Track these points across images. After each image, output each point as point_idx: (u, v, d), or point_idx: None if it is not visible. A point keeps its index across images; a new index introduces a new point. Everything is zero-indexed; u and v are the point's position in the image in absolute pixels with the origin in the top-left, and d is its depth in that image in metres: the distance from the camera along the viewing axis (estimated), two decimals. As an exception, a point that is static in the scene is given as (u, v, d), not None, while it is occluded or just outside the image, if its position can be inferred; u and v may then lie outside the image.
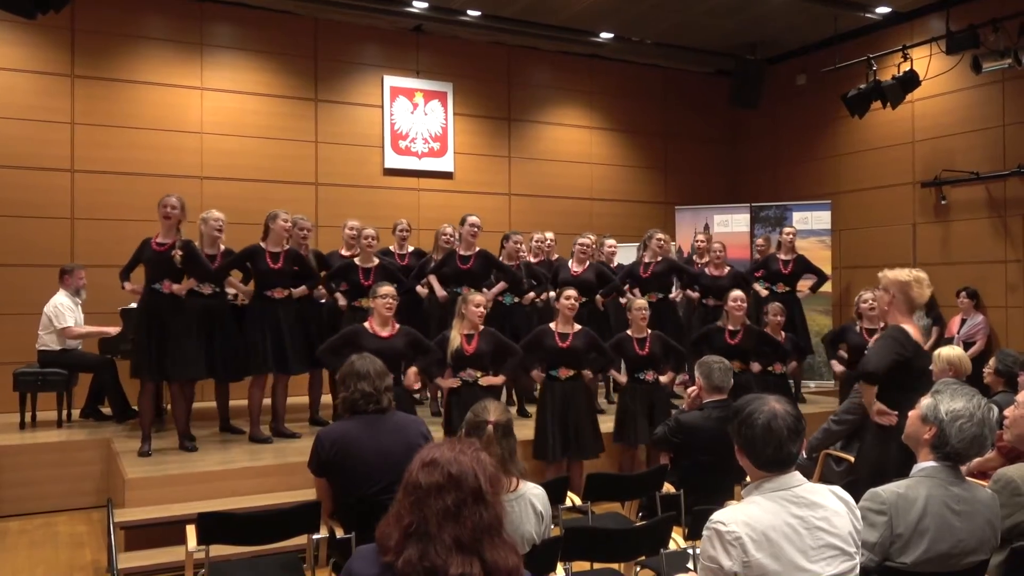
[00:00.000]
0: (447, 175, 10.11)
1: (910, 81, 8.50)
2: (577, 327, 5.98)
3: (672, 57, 11.09)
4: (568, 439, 5.84)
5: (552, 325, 5.99)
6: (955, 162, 9.12)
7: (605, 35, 10.20)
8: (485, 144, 10.39)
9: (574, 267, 7.42)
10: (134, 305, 6.79)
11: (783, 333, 7.08)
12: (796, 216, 10.11)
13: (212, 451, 5.98)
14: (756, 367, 6.62)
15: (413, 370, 5.52)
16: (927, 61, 8.64)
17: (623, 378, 6.34)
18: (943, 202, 9.26)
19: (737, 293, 6.66)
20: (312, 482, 5.38)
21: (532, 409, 7.04)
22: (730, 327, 6.55)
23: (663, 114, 11.57)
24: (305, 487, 5.47)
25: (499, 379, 5.73)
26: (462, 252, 6.98)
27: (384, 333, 5.37)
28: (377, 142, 9.73)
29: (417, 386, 5.53)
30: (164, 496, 5.21)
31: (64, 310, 6.92)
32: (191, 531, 3.71)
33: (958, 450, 2.62)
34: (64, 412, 6.92)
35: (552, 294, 7.31)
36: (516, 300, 7.27)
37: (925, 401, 2.73)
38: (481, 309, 5.59)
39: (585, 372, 6.01)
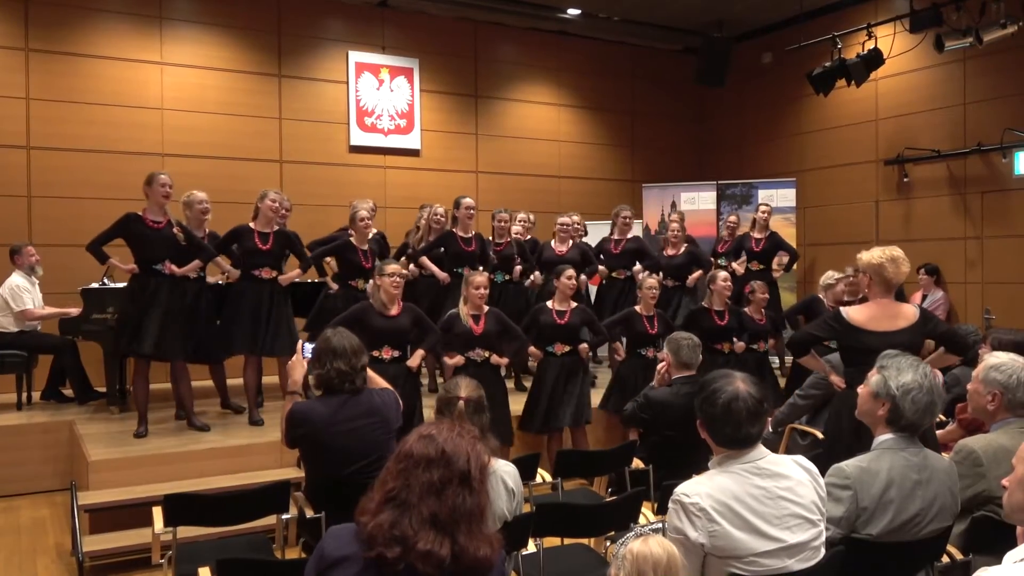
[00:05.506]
0: (414, 152, 10.01)
1: (874, 59, 8.56)
2: (573, 304, 6.11)
3: (639, 34, 11.06)
4: (561, 410, 5.98)
5: (549, 303, 6.11)
6: (917, 140, 9.24)
7: (572, 11, 10.13)
8: (452, 121, 10.30)
9: (558, 247, 7.37)
10: (95, 285, 6.66)
11: (763, 311, 6.95)
12: (762, 194, 10.17)
13: (177, 432, 5.89)
14: (740, 346, 6.64)
15: (420, 353, 5.51)
16: (891, 39, 8.71)
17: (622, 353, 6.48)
18: (905, 180, 9.40)
19: (724, 273, 6.67)
20: (282, 461, 5.43)
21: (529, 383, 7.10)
22: (716, 307, 6.55)
23: (630, 92, 11.56)
24: (273, 467, 5.45)
25: (505, 360, 5.84)
26: (462, 234, 6.94)
27: (391, 312, 5.34)
28: (342, 119, 9.60)
29: (417, 364, 5.56)
30: (129, 478, 5.14)
31: (21, 291, 6.75)
32: (157, 513, 3.67)
33: (913, 421, 2.68)
34: (24, 394, 6.78)
35: (537, 273, 7.37)
36: (507, 278, 7.25)
37: (874, 378, 2.77)
38: (483, 290, 5.65)
39: (582, 347, 6.11)
